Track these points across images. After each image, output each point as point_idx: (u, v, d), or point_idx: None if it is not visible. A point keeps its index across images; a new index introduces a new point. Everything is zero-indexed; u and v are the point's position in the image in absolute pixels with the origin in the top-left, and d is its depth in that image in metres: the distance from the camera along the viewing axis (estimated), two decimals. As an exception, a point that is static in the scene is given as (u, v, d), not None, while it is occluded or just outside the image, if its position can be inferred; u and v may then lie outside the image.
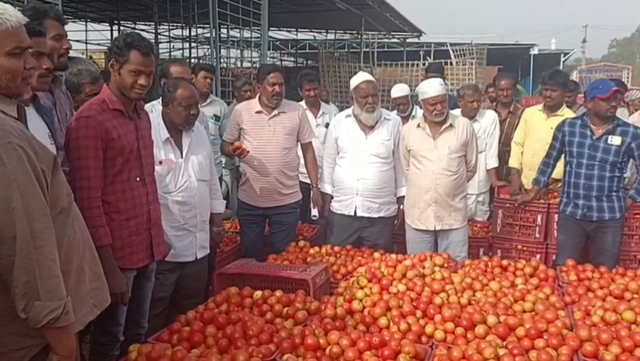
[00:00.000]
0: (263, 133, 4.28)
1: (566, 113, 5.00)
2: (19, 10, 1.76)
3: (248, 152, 4.17)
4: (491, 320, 2.82)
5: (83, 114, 2.58)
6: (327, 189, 4.53)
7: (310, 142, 4.55)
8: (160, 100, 3.63)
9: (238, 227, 4.74)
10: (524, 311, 3.03)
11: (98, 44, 20.34)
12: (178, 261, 3.36)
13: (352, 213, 4.36)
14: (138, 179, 2.73)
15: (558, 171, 4.45)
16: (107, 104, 2.63)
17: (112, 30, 16.50)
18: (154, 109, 3.80)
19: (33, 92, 2.24)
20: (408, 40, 20.32)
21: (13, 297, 1.57)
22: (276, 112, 4.30)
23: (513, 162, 5.26)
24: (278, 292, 3.14)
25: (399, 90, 5.62)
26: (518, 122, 5.40)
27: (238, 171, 4.86)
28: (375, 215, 4.36)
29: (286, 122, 4.33)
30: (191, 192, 3.39)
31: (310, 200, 4.67)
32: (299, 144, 4.50)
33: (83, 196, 2.47)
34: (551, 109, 5.04)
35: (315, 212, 4.64)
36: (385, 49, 21.72)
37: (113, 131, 2.58)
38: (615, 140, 3.96)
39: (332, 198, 4.50)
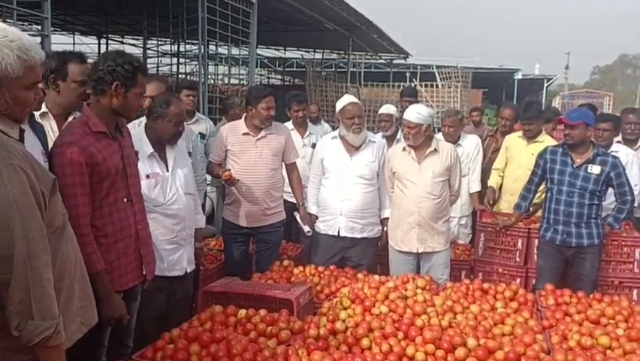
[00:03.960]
0: (250, 155, 4.33)
1: (546, 139, 5.16)
2: None
3: (237, 180, 4.22)
4: (471, 342, 2.88)
5: (65, 140, 2.51)
6: (312, 209, 4.58)
7: (295, 162, 4.62)
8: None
9: (223, 245, 4.76)
10: (503, 335, 3.09)
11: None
12: (168, 276, 3.36)
13: (336, 234, 4.41)
14: (125, 200, 2.69)
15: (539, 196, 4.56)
16: (89, 127, 2.57)
17: (99, 44, 16.49)
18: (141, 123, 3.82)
19: None
20: (395, 62, 20.56)
21: (8, 315, 1.59)
22: (263, 134, 4.36)
23: (490, 182, 5.43)
24: (262, 312, 3.17)
25: (385, 108, 5.70)
26: None
27: (225, 189, 4.88)
28: (359, 235, 4.42)
29: (273, 143, 4.39)
30: (180, 204, 3.42)
31: (295, 219, 4.71)
32: (283, 163, 4.55)
33: (73, 224, 2.40)
34: (531, 137, 5.19)
35: (307, 228, 4.66)
36: (372, 69, 21.97)
37: (97, 155, 2.53)
38: (595, 169, 4.07)
39: (317, 218, 4.54)
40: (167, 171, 3.42)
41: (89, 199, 2.53)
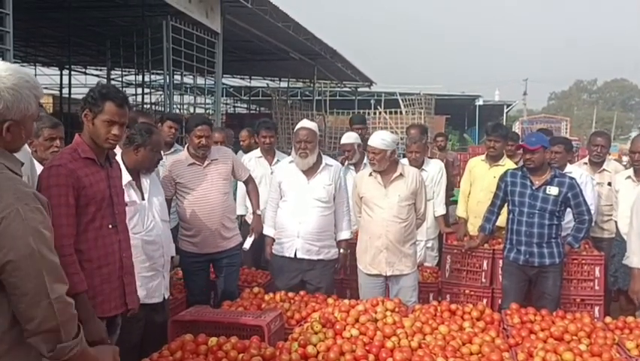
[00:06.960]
0: (202, 183, 4.34)
1: (507, 163, 5.33)
2: None
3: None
4: (440, 362, 2.93)
5: (54, 163, 2.59)
6: (269, 232, 4.58)
7: (250, 175, 4.69)
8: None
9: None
10: (471, 354, 3.15)
11: (47, 88, 20.07)
12: (146, 303, 3.35)
13: (292, 255, 4.39)
14: (110, 226, 2.73)
15: (502, 220, 4.68)
16: (78, 153, 2.65)
17: (62, 75, 16.31)
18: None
19: None
20: (359, 90, 20.90)
21: (35, 342, 1.76)
22: (208, 161, 4.40)
23: (459, 211, 5.50)
24: (233, 339, 3.15)
25: (346, 138, 5.78)
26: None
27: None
28: (315, 257, 4.39)
29: (221, 168, 4.44)
30: (158, 231, 3.47)
31: (262, 246, 4.70)
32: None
33: (56, 245, 2.43)
34: (493, 159, 5.36)
35: (248, 243, 4.63)
36: (337, 97, 22.27)
37: (84, 180, 2.59)
38: (553, 190, 4.22)
39: (274, 240, 4.54)
40: (143, 199, 3.47)
41: (73, 221, 2.56)
